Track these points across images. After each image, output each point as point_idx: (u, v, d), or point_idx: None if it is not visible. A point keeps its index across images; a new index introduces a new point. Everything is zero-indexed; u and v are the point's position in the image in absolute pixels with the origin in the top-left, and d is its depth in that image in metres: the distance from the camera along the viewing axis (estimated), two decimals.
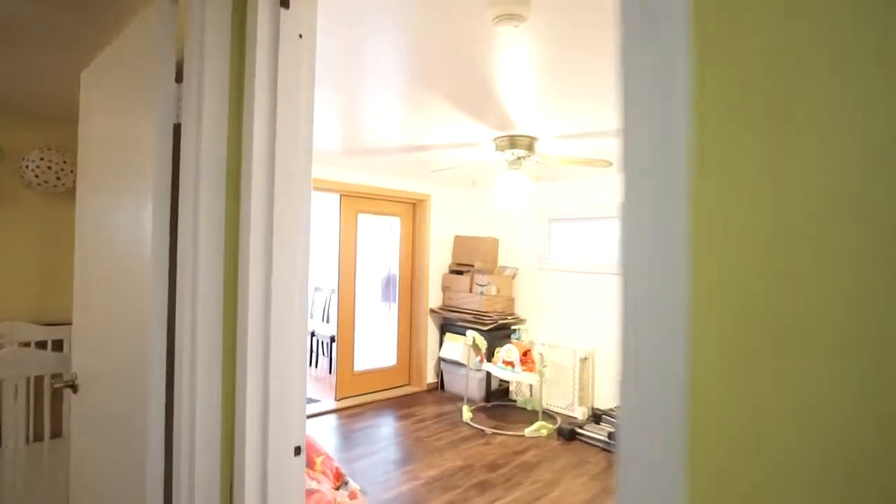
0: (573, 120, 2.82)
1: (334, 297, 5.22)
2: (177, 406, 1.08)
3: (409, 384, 5.31)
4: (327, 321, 6.51)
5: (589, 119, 2.79)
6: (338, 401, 4.68)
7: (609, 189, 4.44)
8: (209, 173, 1.05)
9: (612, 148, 3.36)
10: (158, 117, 1.10)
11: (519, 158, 3.24)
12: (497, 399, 4.90)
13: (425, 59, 2.03)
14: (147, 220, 1.11)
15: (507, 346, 4.20)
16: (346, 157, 4.03)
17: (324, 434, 3.91)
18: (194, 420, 1.03)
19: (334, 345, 5.02)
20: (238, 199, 1.08)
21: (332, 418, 4.29)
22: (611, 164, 3.08)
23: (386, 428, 4.09)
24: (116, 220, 1.32)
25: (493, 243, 5.33)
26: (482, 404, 4.73)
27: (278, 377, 1.06)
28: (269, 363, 1.03)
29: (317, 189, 4.38)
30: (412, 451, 3.60)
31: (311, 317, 6.95)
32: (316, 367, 6.19)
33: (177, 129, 1.13)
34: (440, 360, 5.20)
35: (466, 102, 2.53)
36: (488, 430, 4.02)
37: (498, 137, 3.17)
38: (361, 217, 4.94)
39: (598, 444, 3.73)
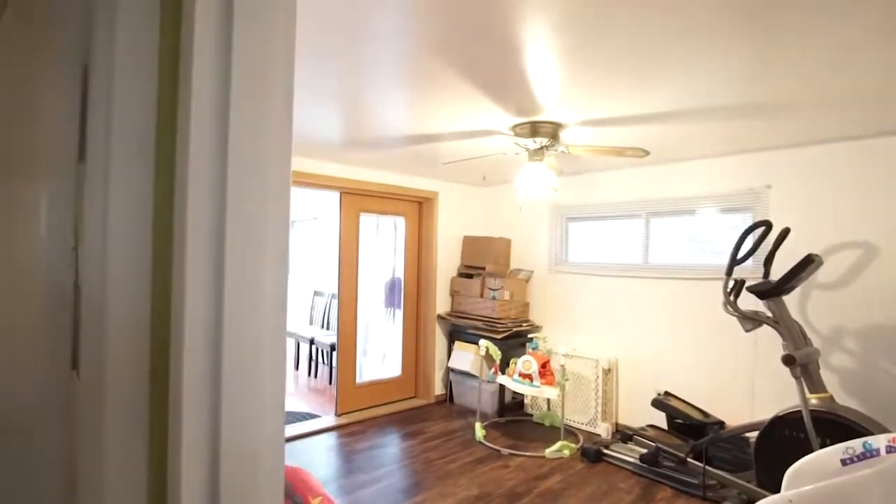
0: (605, 103, 2.44)
1: (335, 303, 4.85)
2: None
3: (415, 396, 4.93)
4: (327, 328, 6.14)
5: (623, 102, 2.42)
6: (338, 416, 4.30)
7: (634, 183, 4.06)
8: (127, 136, 0.68)
9: (648, 135, 2.98)
10: (56, 53, 0.72)
11: (542, 148, 2.86)
12: (511, 413, 4.51)
13: (443, 22, 1.65)
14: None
15: (524, 358, 3.82)
16: (347, 151, 3.66)
17: (322, 457, 3.53)
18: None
19: (335, 353, 4.64)
20: (172, 176, 0.70)
21: (332, 437, 3.91)
22: (647, 152, 2.70)
23: (391, 448, 3.71)
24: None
25: (506, 244, 4.95)
26: (495, 419, 4.35)
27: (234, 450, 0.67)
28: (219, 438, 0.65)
29: (314, 186, 4.01)
30: (422, 477, 3.22)
31: (311, 323, 6.59)
32: (315, 377, 5.82)
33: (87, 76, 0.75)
34: (449, 370, 4.82)
35: (485, 79, 2.15)
36: (504, 451, 3.63)
37: (518, 125, 2.80)
38: (363, 216, 4.56)
39: (627, 466, 3.35)
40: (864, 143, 2.99)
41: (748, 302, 2.99)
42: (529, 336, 4.28)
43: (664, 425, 3.52)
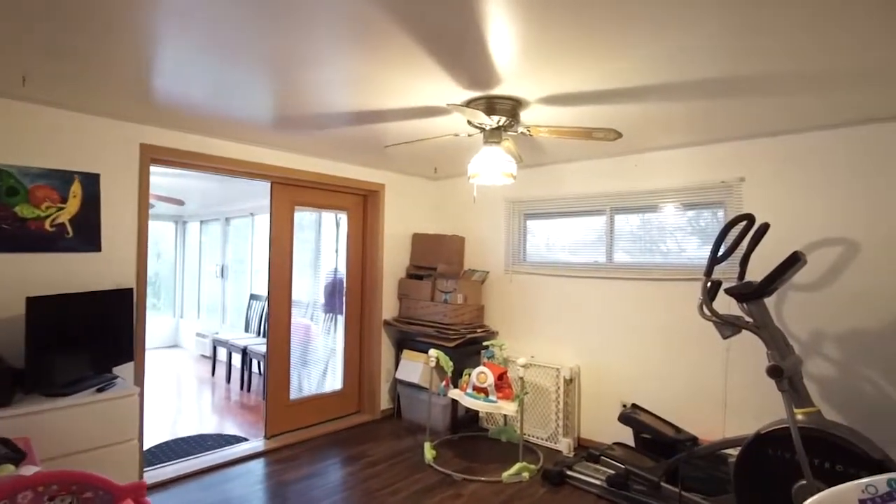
0: (570, 75, 2.06)
1: None
2: None
3: (359, 412, 4.44)
4: (264, 335, 5.54)
5: (590, 74, 2.04)
6: (268, 439, 3.76)
7: (597, 176, 3.73)
8: None
9: (616, 117, 2.63)
10: None
11: (499, 128, 2.45)
12: (465, 429, 4.10)
13: None
14: None
15: (478, 369, 3.41)
16: (278, 132, 3.14)
17: (242, 490, 2.99)
18: None
19: None
20: None
21: (259, 465, 3.37)
22: (619, 134, 2.34)
23: (329, 476, 3.21)
24: None
25: (459, 242, 4.54)
26: (448, 437, 3.92)
27: None
28: None
29: (238, 173, 3.46)
30: None
31: (247, 330, 5.97)
32: (248, 390, 5.22)
33: None
34: (396, 381, 4.36)
35: (435, 39, 1.72)
36: (457, 476, 3.21)
37: (473, 100, 2.38)
38: (299, 210, 4.03)
39: (593, 490, 2.99)
40: (846, 132, 2.75)
41: (721, 306, 2.71)
42: (485, 343, 3.88)
43: (631, 440, 3.20)
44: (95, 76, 2.19)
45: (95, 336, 2.65)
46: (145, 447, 3.51)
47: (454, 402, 3.91)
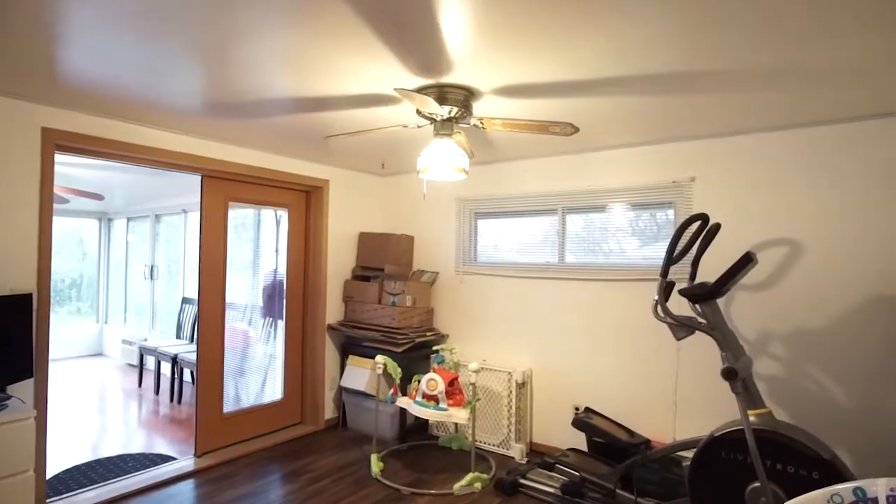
0: (525, 62, 1.93)
1: None
2: None
3: (301, 423, 4.16)
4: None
5: (545, 62, 1.92)
6: (199, 457, 3.43)
7: (549, 175, 3.64)
8: None
9: (570, 111, 2.53)
10: None
11: (451, 119, 2.29)
12: (414, 437, 3.92)
13: None
14: None
15: (428, 376, 3.23)
16: (210, 119, 2.84)
17: None
18: None
19: None
20: None
21: (189, 487, 3.05)
22: (576, 129, 2.23)
23: (267, 495, 2.94)
24: None
25: (408, 242, 4.35)
26: (396, 447, 3.73)
27: None
28: None
29: (164, 165, 3.14)
30: None
31: (179, 336, 5.53)
32: (179, 402, 4.81)
33: None
34: (341, 389, 4.12)
35: (381, 14, 1.53)
36: (405, 490, 3.02)
37: (423, 88, 2.20)
38: (234, 207, 3.72)
39: (547, 499, 2.89)
40: (794, 133, 2.77)
41: (670, 306, 2.67)
42: (435, 348, 3.71)
43: (584, 443, 3.12)
44: None
45: None
46: (53, 473, 3.11)
47: (403, 409, 3.72)
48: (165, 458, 3.41)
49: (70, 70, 2.10)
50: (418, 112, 2.31)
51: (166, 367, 5.21)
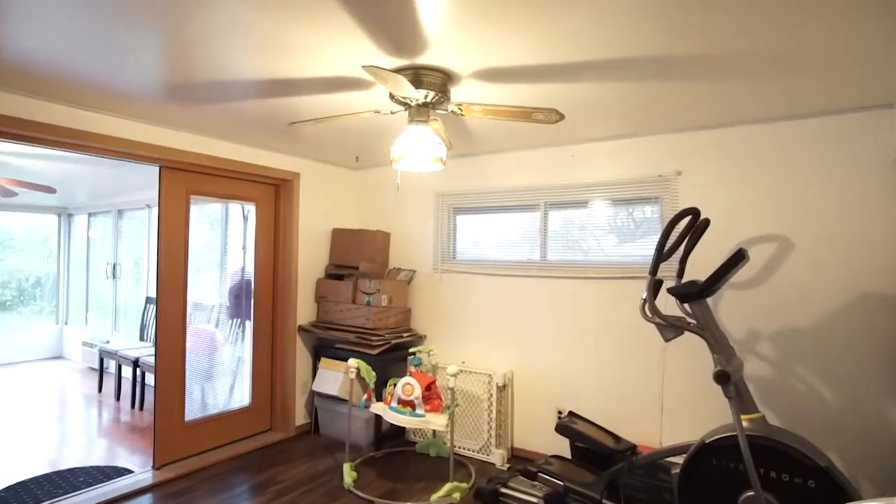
0: (505, 42, 1.77)
1: None
2: None
3: (270, 429, 3.94)
4: None
5: (527, 43, 1.76)
6: (158, 470, 3.19)
7: (530, 168, 3.49)
8: None
9: (553, 98, 2.38)
10: None
11: (427, 105, 2.12)
12: (390, 443, 3.73)
13: None
14: None
15: (404, 380, 3.05)
16: (168, 104, 2.61)
17: None
18: None
19: None
20: None
21: (146, 503, 2.82)
22: (561, 116, 2.08)
23: None
24: None
25: (383, 239, 4.16)
26: (370, 454, 3.54)
27: None
28: None
29: (120, 155, 2.89)
30: None
31: (143, 338, 5.24)
32: (141, 409, 4.54)
33: None
34: (313, 394, 3.91)
35: None
36: (380, 502, 2.84)
37: (398, 69, 2.02)
38: (196, 200, 3.48)
39: None
40: (784, 126, 2.67)
41: (658, 306, 2.54)
42: (411, 350, 3.53)
43: (568, 450, 2.99)
44: None
45: None
46: None
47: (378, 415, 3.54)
48: (121, 472, 3.17)
49: (4, 43, 1.86)
50: (392, 97, 2.13)
51: (128, 371, 4.92)
